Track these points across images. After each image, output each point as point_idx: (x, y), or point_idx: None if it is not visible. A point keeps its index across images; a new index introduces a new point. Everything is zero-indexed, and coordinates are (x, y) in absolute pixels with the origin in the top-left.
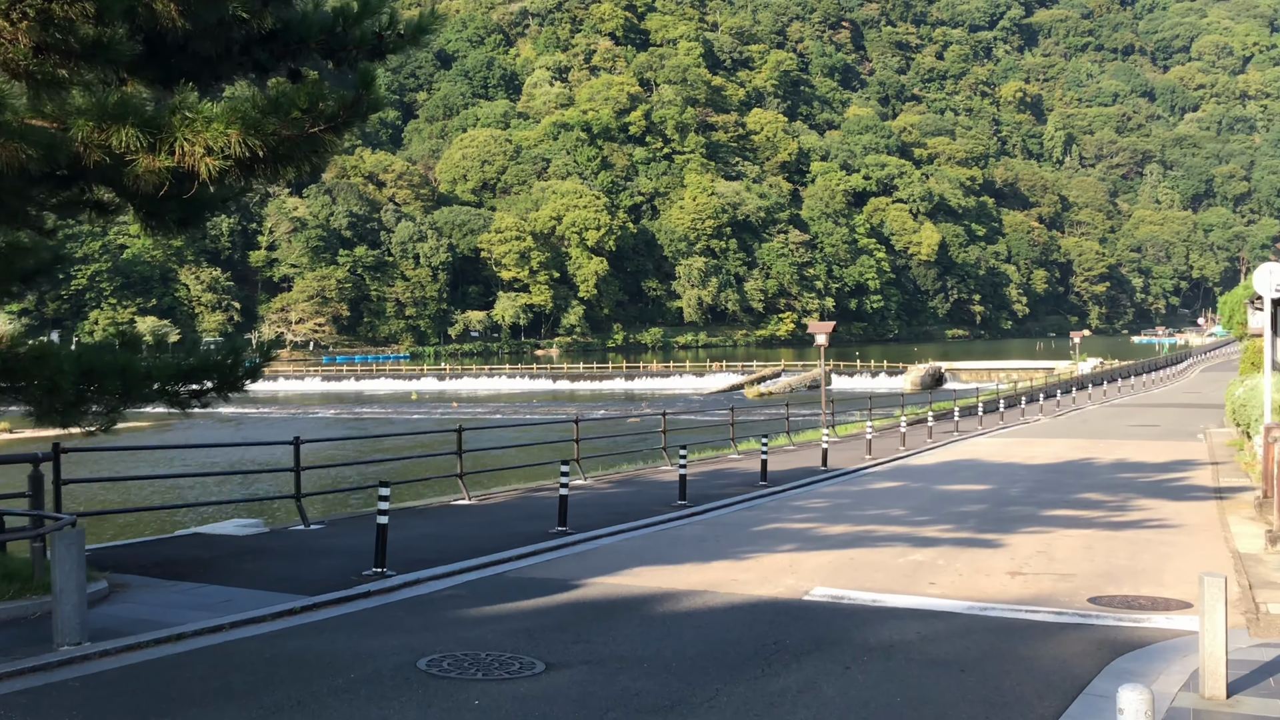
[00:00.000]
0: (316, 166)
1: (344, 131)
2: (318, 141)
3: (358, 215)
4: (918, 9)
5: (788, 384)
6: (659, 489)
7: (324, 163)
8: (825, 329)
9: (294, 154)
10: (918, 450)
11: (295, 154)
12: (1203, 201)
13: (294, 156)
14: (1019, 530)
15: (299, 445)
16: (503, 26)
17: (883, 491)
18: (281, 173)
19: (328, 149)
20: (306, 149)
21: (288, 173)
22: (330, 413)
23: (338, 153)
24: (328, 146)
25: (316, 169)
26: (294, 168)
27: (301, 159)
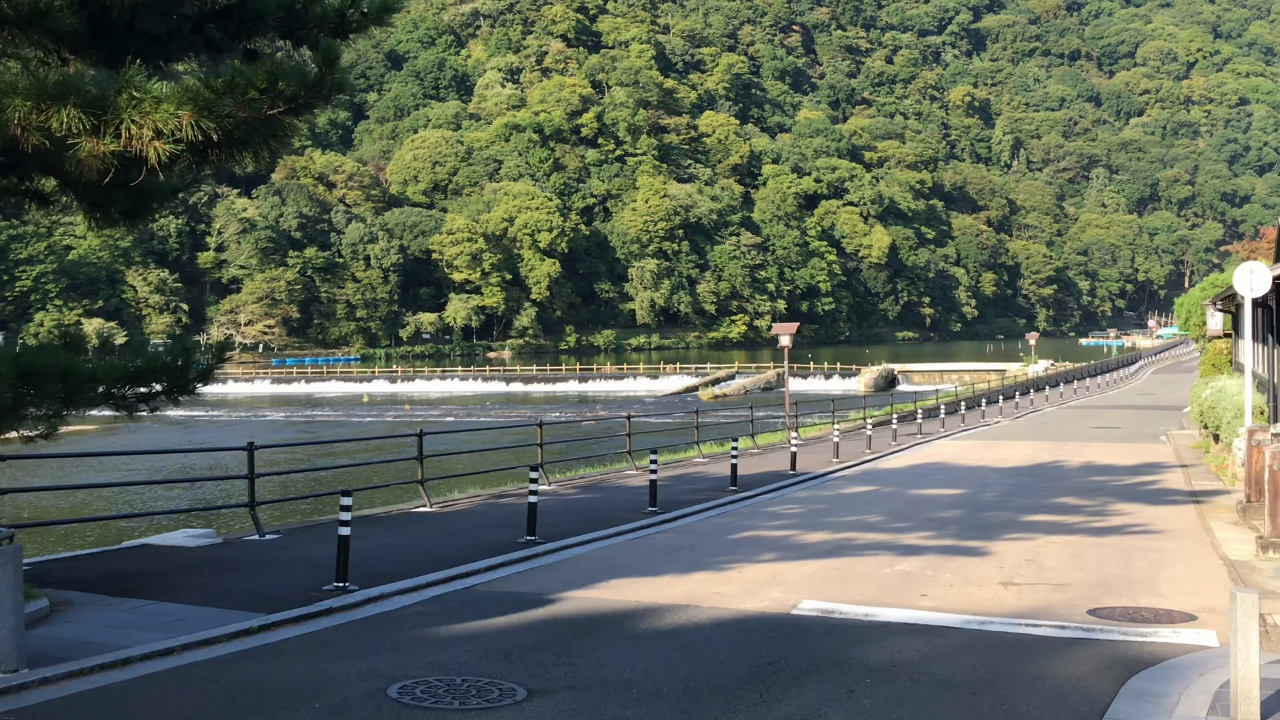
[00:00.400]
0: (275, 152)
1: (305, 114)
2: (277, 125)
3: (308, 216)
4: (867, 13)
5: (742, 386)
6: (627, 494)
7: (284, 148)
8: (789, 330)
9: (251, 138)
10: (884, 453)
11: (252, 138)
12: (1148, 205)
13: (251, 141)
14: (1002, 537)
15: (253, 451)
16: (454, 27)
17: (856, 496)
18: (237, 158)
19: (288, 133)
20: (265, 133)
21: (244, 159)
22: (280, 415)
23: (295, 140)
24: (288, 130)
25: (275, 154)
26: (251, 153)
27: (259, 143)
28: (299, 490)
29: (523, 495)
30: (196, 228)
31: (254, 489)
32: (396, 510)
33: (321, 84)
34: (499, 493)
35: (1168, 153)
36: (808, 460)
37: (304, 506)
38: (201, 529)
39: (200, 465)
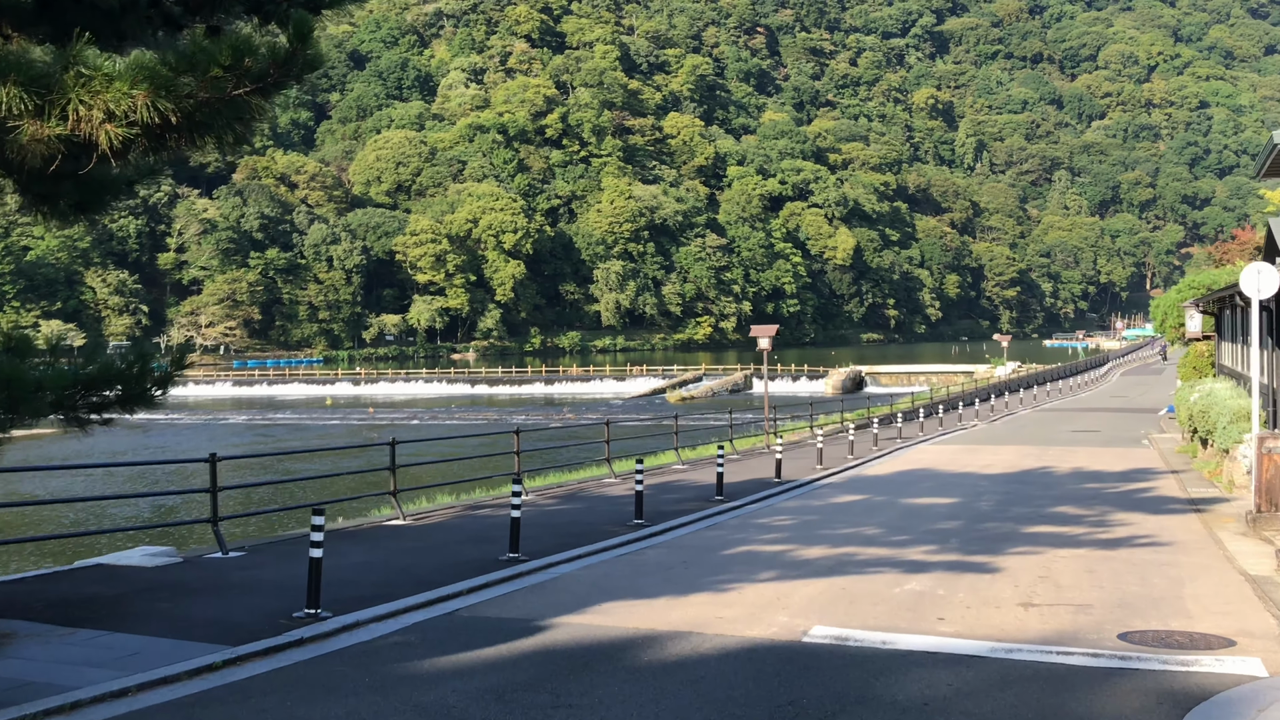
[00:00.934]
0: (241, 136)
1: (275, 94)
2: (243, 107)
3: (269, 217)
4: (831, 15)
5: (709, 388)
6: (609, 505)
7: (250, 132)
8: (768, 332)
9: (214, 121)
10: (867, 459)
11: (216, 121)
12: (1109, 208)
13: (214, 124)
14: (1008, 551)
15: (215, 463)
16: (417, 28)
17: (848, 506)
18: (199, 144)
19: (254, 115)
20: (229, 115)
21: (206, 144)
22: (242, 418)
23: (262, 124)
24: (254, 113)
25: (241, 139)
26: (214, 138)
27: (223, 127)
28: (265, 502)
29: (500, 505)
30: (156, 228)
31: (216, 503)
32: (368, 523)
33: (292, 61)
34: (474, 503)
35: (1129, 155)
36: (791, 466)
37: (270, 518)
38: (160, 546)
39: (160, 476)
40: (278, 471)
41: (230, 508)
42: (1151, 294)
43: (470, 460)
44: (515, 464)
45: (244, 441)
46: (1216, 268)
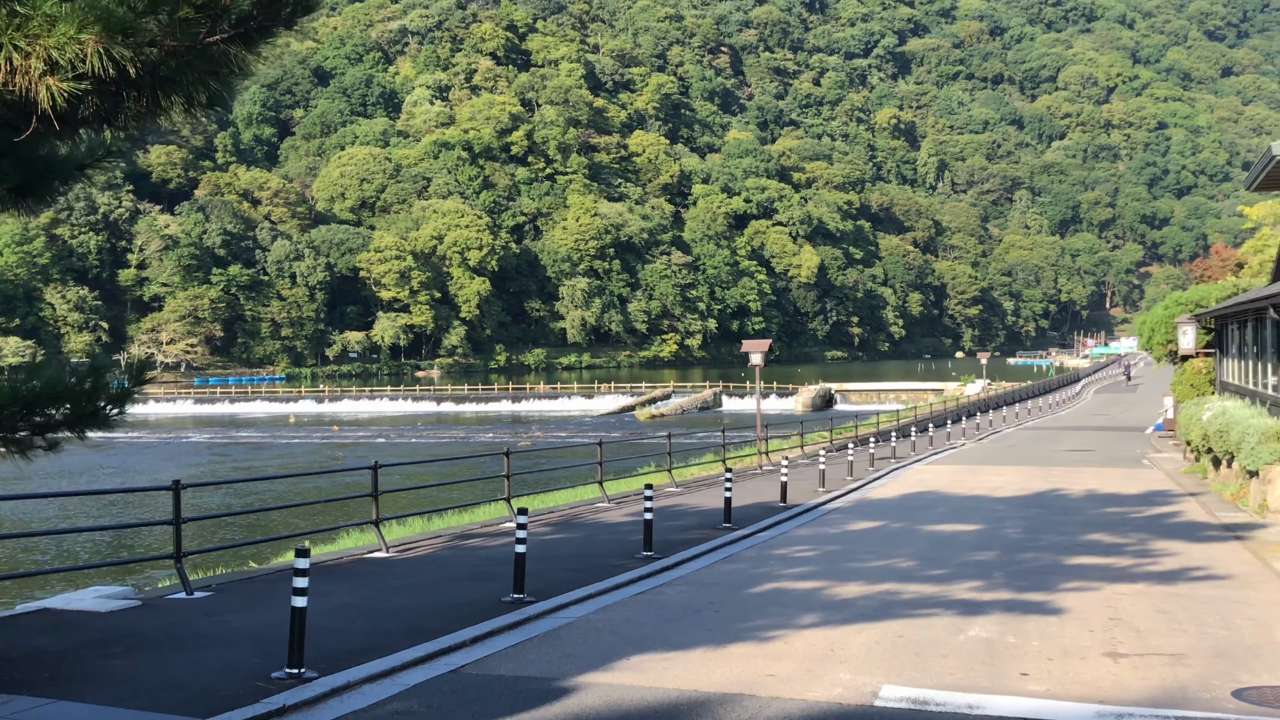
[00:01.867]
0: (217, 98)
1: (259, 45)
2: (219, 58)
3: (232, 233)
4: (795, 36)
5: (679, 405)
6: (610, 534)
7: (228, 94)
8: (760, 348)
9: (184, 76)
10: (867, 480)
11: (186, 76)
12: (1070, 227)
13: (183, 80)
14: (1060, 587)
15: (179, 491)
16: (381, 44)
17: (867, 535)
18: (165, 106)
19: (235, 70)
20: (202, 69)
21: (173, 107)
22: (204, 437)
23: (246, 80)
24: (235, 66)
25: (217, 101)
26: (183, 99)
27: (195, 84)
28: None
29: (491, 534)
30: (117, 244)
31: (180, 536)
32: (348, 555)
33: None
34: (462, 531)
35: (1089, 175)
36: (792, 489)
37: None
38: (116, 586)
39: (117, 500)
40: (246, 497)
41: (196, 540)
42: (1111, 312)
43: (451, 483)
44: (506, 488)
45: (206, 461)
46: (1197, 284)
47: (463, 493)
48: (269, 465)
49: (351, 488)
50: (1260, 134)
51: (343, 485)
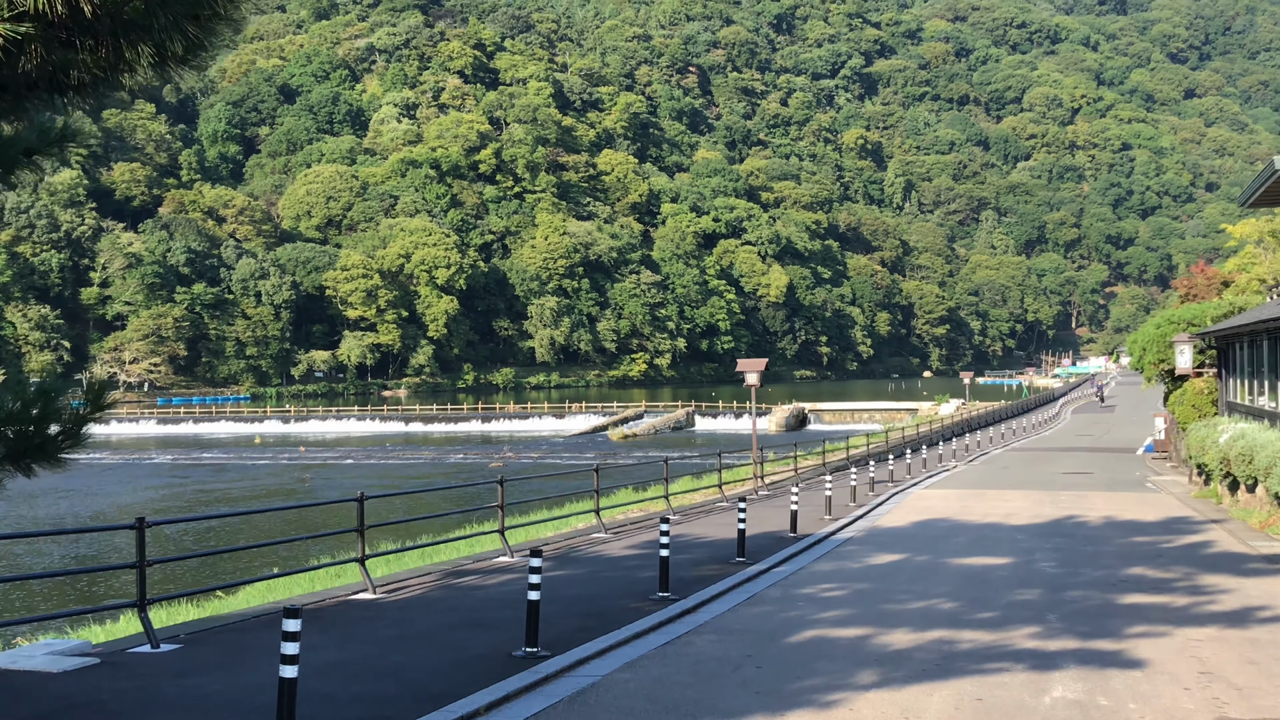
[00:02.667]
0: (195, 48)
1: None
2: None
3: (196, 251)
4: (762, 56)
5: (652, 425)
6: (615, 571)
7: (210, 42)
8: (757, 367)
9: (154, 19)
10: (871, 506)
11: (157, 19)
12: (1035, 247)
13: (154, 25)
14: (1127, 633)
15: (143, 530)
16: (348, 62)
17: (893, 570)
18: (130, 60)
19: (219, 11)
20: (178, 9)
21: (140, 59)
22: (167, 458)
23: (231, 28)
24: (219, 6)
25: (193, 54)
26: (153, 48)
27: (169, 29)
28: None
29: (485, 571)
30: (80, 262)
31: (144, 582)
32: (331, 599)
33: None
34: (453, 567)
35: (1054, 196)
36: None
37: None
38: (71, 640)
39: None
40: (219, 534)
41: (161, 583)
42: (1077, 332)
43: (437, 515)
44: (500, 519)
45: (168, 484)
46: (1182, 302)
47: (448, 521)
48: (234, 488)
49: (331, 517)
50: (1223, 155)
51: (318, 519)
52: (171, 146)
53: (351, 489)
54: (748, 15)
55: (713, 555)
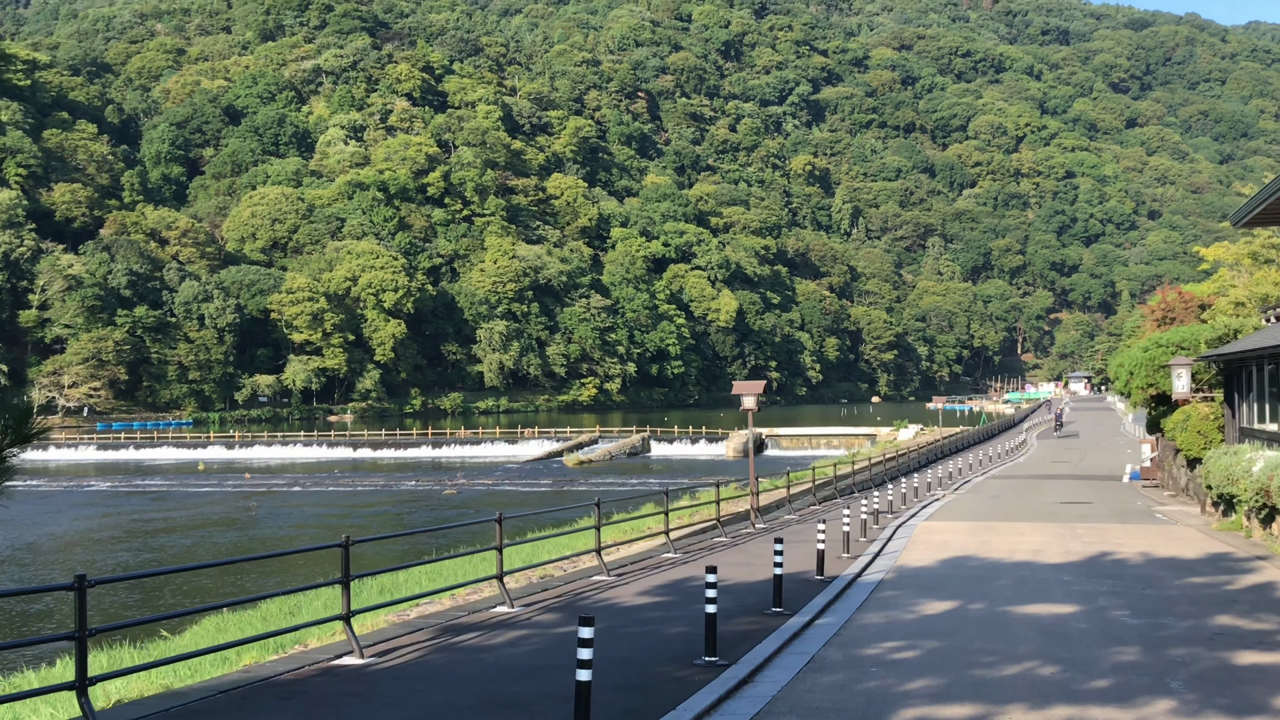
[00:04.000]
0: None
1: None
2: None
3: (138, 274)
4: (711, 82)
5: (607, 451)
6: (635, 624)
7: None
8: (754, 389)
9: None
10: (882, 541)
11: None
12: (981, 274)
13: None
14: (1277, 705)
15: (84, 591)
16: (295, 84)
17: (954, 623)
18: None
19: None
20: None
21: None
22: (107, 484)
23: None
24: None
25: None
26: None
27: None
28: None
29: (485, 626)
30: (18, 284)
31: (86, 656)
32: (311, 664)
33: None
34: (447, 621)
35: (999, 223)
36: (804, 553)
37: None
38: None
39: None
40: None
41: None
42: (1023, 358)
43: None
44: (498, 563)
45: (107, 511)
46: (1159, 326)
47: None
48: (176, 516)
49: (300, 564)
50: (1165, 183)
51: (289, 565)
52: (114, 167)
53: (300, 518)
54: (696, 42)
55: (740, 604)
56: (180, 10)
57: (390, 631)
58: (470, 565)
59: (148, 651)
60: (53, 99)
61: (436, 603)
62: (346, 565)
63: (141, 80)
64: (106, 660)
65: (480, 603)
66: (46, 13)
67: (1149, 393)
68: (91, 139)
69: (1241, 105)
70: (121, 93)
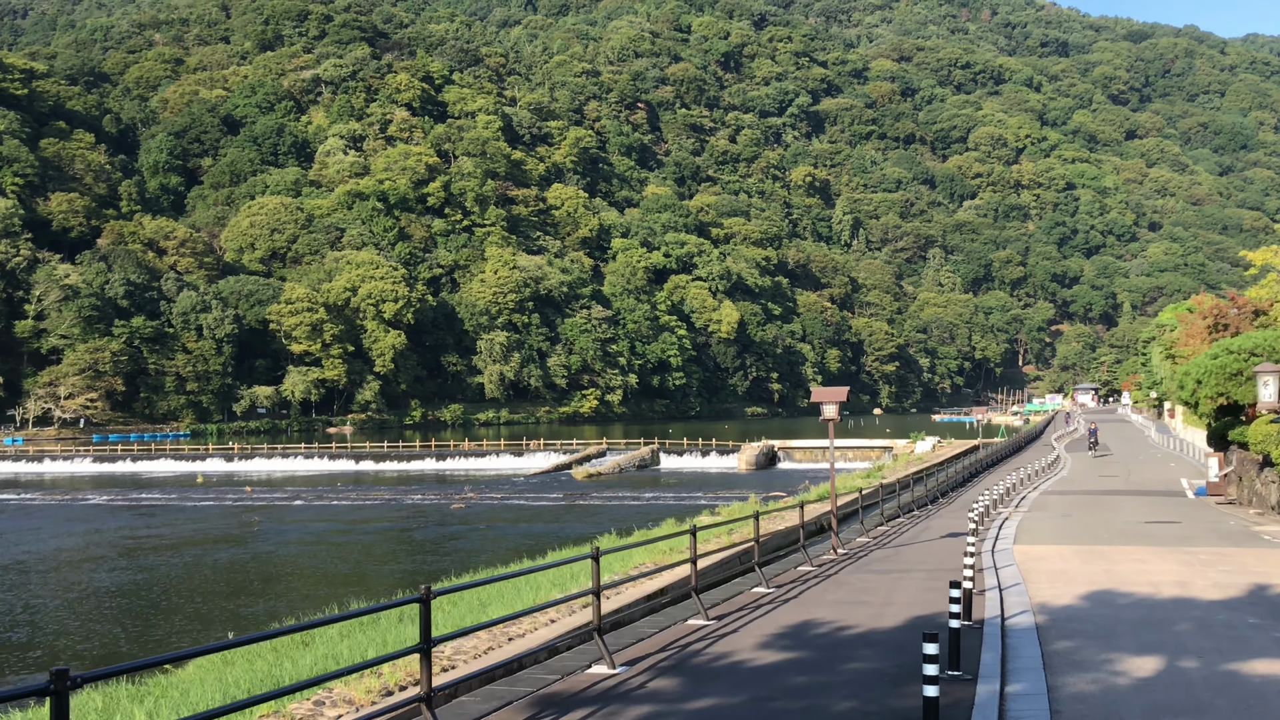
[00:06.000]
0: None
1: None
2: None
3: (136, 284)
4: (710, 93)
5: (616, 464)
6: (776, 689)
7: None
8: (836, 396)
9: None
10: (990, 569)
11: None
12: (982, 285)
13: None
14: None
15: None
16: (294, 93)
17: (1181, 689)
18: None
19: None
20: None
21: None
22: (103, 499)
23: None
24: None
25: None
26: None
27: None
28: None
29: (585, 696)
30: (14, 294)
31: None
32: None
33: None
34: (539, 690)
35: (1000, 234)
36: (915, 586)
37: None
38: None
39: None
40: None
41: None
42: (1024, 370)
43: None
44: (595, 613)
45: (100, 528)
46: (1213, 334)
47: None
48: (175, 532)
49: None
50: (1165, 195)
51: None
52: (111, 177)
53: (304, 533)
54: (696, 53)
55: (896, 662)
56: (179, 20)
57: (471, 706)
58: (555, 607)
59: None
60: (50, 108)
61: (519, 643)
62: (427, 626)
63: (139, 90)
64: None
65: (570, 665)
66: (44, 23)
67: (1218, 402)
68: (89, 148)
69: (1241, 117)
70: (119, 102)
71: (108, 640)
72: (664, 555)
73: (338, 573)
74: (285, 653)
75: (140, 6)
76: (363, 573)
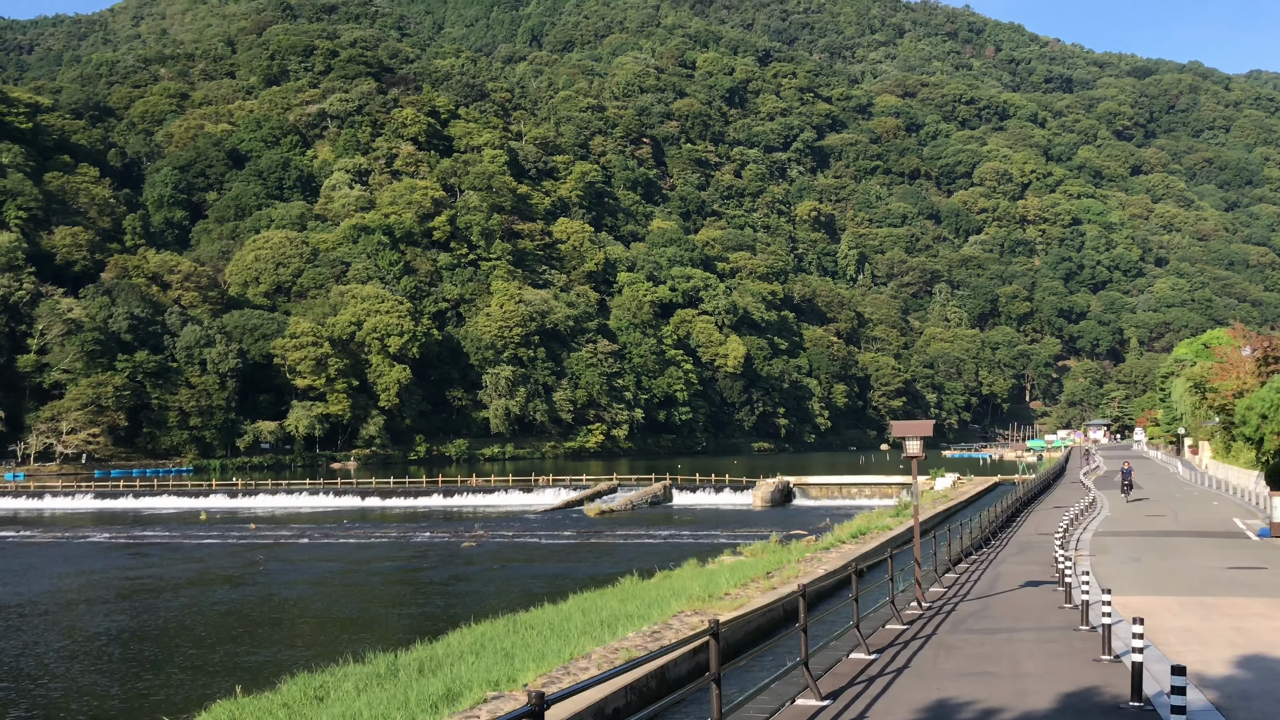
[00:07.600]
0: None
1: None
2: None
3: (139, 318)
4: (715, 128)
5: (628, 500)
6: None
7: None
8: (921, 431)
9: None
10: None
11: None
12: (989, 320)
13: None
14: None
15: None
16: (299, 127)
17: None
18: None
19: None
20: None
21: None
22: (104, 536)
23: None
24: None
25: None
26: None
27: None
28: None
29: None
30: (17, 328)
31: None
32: None
33: None
34: None
35: (1006, 269)
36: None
37: None
38: None
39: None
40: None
41: None
42: (1031, 405)
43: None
44: (715, 708)
45: (97, 568)
46: (1264, 369)
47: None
48: (176, 573)
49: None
50: (1171, 230)
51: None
52: (115, 210)
53: (313, 573)
54: (700, 88)
55: None
56: (184, 55)
57: None
58: None
59: None
60: (55, 142)
61: None
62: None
63: (144, 124)
64: None
65: None
66: (50, 58)
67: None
68: (93, 182)
69: (1246, 153)
70: (124, 136)
71: (99, 696)
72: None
73: (346, 616)
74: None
75: (146, 42)
76: (372, 617)
